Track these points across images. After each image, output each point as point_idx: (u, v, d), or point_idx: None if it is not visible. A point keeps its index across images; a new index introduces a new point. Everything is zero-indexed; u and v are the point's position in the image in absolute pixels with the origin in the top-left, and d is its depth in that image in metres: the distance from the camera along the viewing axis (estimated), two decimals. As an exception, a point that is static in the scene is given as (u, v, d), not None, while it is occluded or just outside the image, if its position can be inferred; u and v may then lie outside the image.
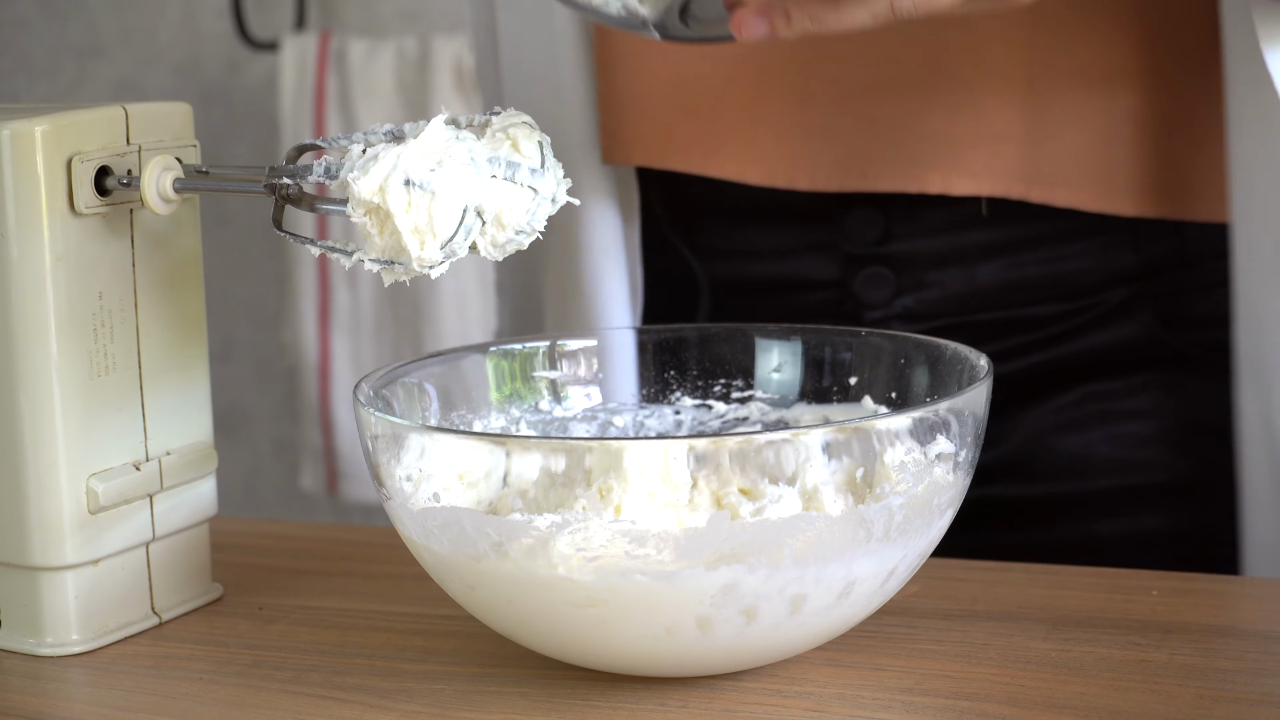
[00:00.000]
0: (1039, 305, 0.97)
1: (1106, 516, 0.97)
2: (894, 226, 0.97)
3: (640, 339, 0.87)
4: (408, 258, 0.71)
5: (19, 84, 2.54)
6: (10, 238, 0.76)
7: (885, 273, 0.97)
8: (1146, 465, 0.97)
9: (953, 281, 0.97)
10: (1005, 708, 0.69)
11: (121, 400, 0.80)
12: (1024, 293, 0.97)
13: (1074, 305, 0.97)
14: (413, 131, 0.72)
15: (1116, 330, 0.97)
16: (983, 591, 0.82)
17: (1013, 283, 0.97)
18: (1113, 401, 0.97)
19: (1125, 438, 0.97)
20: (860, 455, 0.70)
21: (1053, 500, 0.98)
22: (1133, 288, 0.97)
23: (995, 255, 0.97)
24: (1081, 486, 0.98)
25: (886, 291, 0.97)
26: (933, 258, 0.97)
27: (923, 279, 0.97)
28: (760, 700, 0.71)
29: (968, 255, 0.97)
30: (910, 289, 0.97)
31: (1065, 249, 0.96)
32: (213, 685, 0.75)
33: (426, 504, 0.72)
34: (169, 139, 0.80)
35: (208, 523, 0.85)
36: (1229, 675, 0.72)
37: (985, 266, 0.97)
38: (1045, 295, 0.97)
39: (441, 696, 0.73)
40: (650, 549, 0.67)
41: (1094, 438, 0.97)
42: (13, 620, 0.80)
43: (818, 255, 0.98)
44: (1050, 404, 0.98)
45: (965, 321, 0.97)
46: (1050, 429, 0.97)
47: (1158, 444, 0.97)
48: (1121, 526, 0.97)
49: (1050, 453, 0.97)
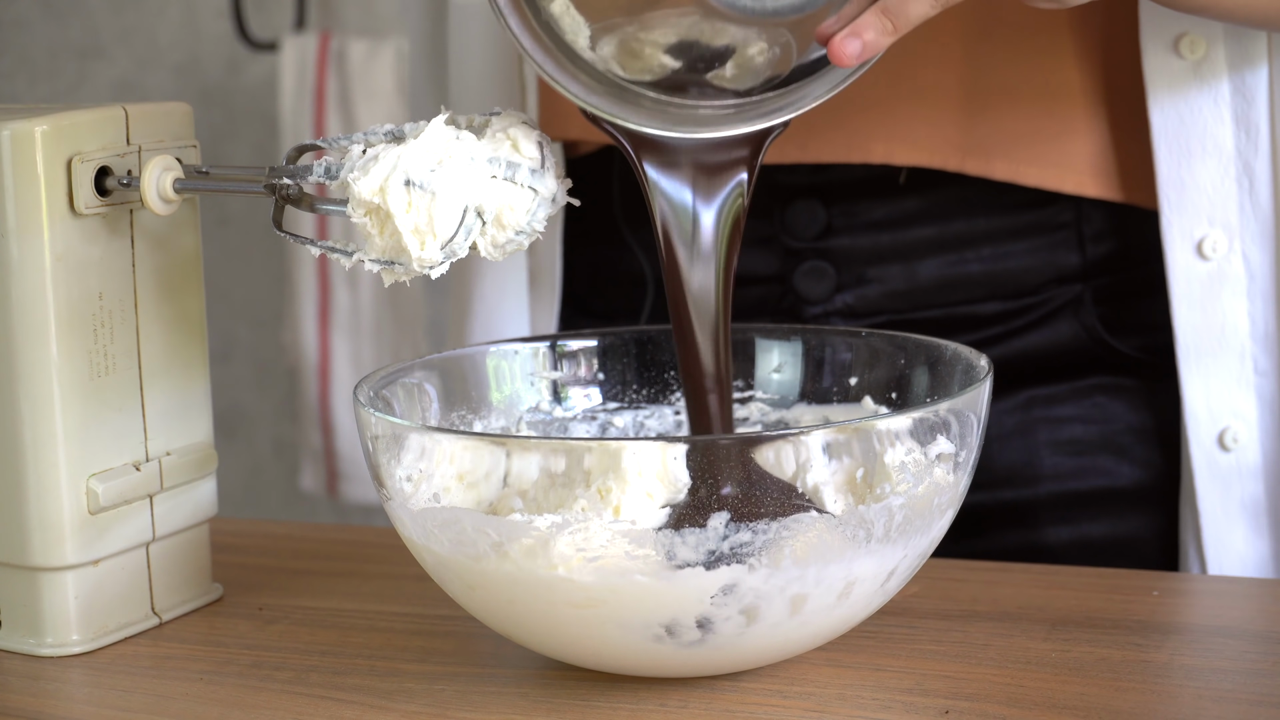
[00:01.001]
0: (980, 304, 0.97)
1: (1052, 524, 0.96)
2: (834, 221, 0.96)
3: (641, 339, 0.87)
4: (408, 258, 0.71)
5: (19, 84, 2.54)
6: (10, 238, 0.76)
7: (825, 267, 0.97)
8: (1092, 472, 0.96)
9: (893, 278, 0.97)
10: (1005, 708, 0.69)
11: (122, 401, 0.80)
12: (965, 290, 0.97)
13: (1016, 304, 0.97)
14: (413, 132, 0.72)
15: (1060, 331, 0.97)
16: (983, 592, 0.82)
17: (954, 280, 0.96)
18: (1057, 406, 0.97)
19: (1070, 443, 0.96)
20: (860, 456, 0.70)
21: (997, 507, 0.97)
22: (1076, 288, 0.96)
23: (936, 252, 0.96)
24: (1026, 493, 0.97)
25: (826, 287, 0.97)
26: (873, 253, 0.96)
27: (863, 274, 0.97)
28: (760, 701, 0.71)
29: (909, 252, 0.96)
30: (850, 285, 0.97)
31: (1007, 247, 0.96)
32: (213, 685, 0.75)
33: (426, 504, 0.72)
34: (169, 139, 0.80)
35: (208, 523, 0.85)
36: (1229, 675, 0.72)
37: (926, 263, 0.96)
38: (987, 294, 0.97)
39: (441, 697, 0.73)
40: (650, 549, 0.67)
41: (1038, 443, 0.97)
42: (13, 620, 0.80)
43: (758, 249, 0.98)
44: (994, 408, 0.96)
45: (906, 319, 0.96)
46: (993, 435, 0.96)
47: (1103, 450, 0.96)
48: (1068, 534, 0.96)
49: (994, 460, 0.96)
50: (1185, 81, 0.90)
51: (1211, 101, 0.90)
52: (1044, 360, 0.97)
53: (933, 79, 0.93)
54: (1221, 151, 0.91)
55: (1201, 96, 0.90)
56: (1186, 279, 0.92)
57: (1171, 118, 0.91)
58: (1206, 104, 0.90)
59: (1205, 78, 0.90)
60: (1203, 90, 0.90)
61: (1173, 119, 0.91)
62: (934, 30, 0.91)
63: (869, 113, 0.93)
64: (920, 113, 0.93)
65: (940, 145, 0.93)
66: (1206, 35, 0.90)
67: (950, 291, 0.97)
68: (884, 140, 0.93)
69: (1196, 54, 0.90)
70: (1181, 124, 0.91)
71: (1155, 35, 0.90)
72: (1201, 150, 0.91)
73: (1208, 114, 0.90)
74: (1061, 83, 0.93)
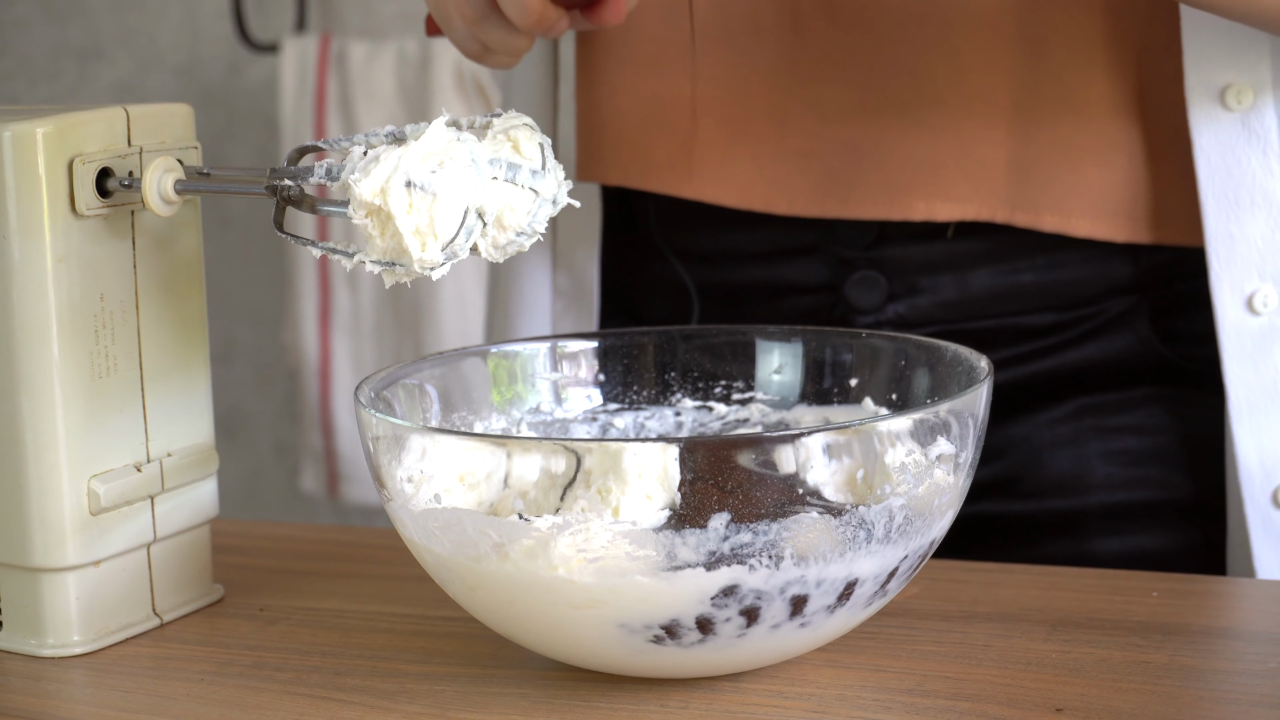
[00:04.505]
0: (1033, 314, 0.96)
1: (1102, 535, 0.95)
2: (886, 230, 0.96)
3: (641, 340, 0.87)
4: (409, 259, 0.71)
5: (19, 86, 2.54)
6: (12, 239, 0.76)
7: (876, 277, 0.96)
8: (1144, 482, 0.95)
9: (945, 287, 0.96)
10: (1006, 709, 0.69)
11: (123, 402, 0.80)
12: (1018, 301, 0.96)
13: (1070, 315, 0.96)
14: (414, 133, 0.72)
15: (1113, 342, 0.96)
16: (983, 593, 0.82)
17: (1006, 290, 0.96)
18: (1109, 416, 0.96)
19: (1122, 454, 0.96)
20: (861, 456, 0.70)
21: (1046, 517, 0.96)
22: (1130, 299, 0.96)
23: (989, 262, 0.96)
24: (1076, 503, 0.96)
25: (877, 296, 0.97)
26: (925, 263, 0.96)
27: (915, 284, 0.96)
28: (761, 701, 0.71)
29: (961, 262, 0.96)
30: (902, 294, 0.97)
31: (1061, 257, 0.95)
32: (214, 686, 0.75)
33: (427, 505, 0.72)
34: (170, 141, 0.80)
35: (209, 524, 0.85)
36: (1229, 676, 0.72)
37: (979, 273, 0.96)
38: (1040, 304, 0.96)
39: (442, 698, 0.73)
40: (650, 550, 0.67)
41: (1090, 453, 0.96)
42: (14, 621, 0.80)
43: (809, 258, 0.98)
44: (1044, 417, 0.96)
45: (958, 329, 0.96)
46: (1045, 444, 0.96)
47: (1156, 461, 0.95)
48: (1118, 545, 0.95)
49: (1044, 469, 0.96)
50: (1233, 133, 0.89)
51: (1260, 153, 0.89)
52: (1096, 370, 0.96)
53: (979, 134, 0.92)
54: (1271, 204, 0.89)
55: (1250, 148, 0.89)
56: (1237, 334, 0.90)
57: (1219, 169, 0.89)
58: (1255, 155, 0.89)
59: (1253, 129, 0.89)
60: (1251, 142, 0.89)
61: (1220, 171, 0.89)
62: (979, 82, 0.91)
63: (910, 168, 0.93)
64: (965, 168, 0.92)
65: (986, 199, 0.93)
66: (1254, 85, 0.88)
67: (1003, 302, 0.96)
68: (925, 197, 0.93)
69: (1244, 104, 0.88)
70: (1229, 176, 0.89)
71: (1201, 86, 0.89)
72: (1250, 203, 0.89)
73: (1256, 165, 0.89)
74: (1109, 135, 0.92)
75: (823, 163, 0.94)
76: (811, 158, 0.94)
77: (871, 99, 0.93)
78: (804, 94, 0.94)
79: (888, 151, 0.93)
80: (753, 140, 0.95)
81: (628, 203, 1.03)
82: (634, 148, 0.98)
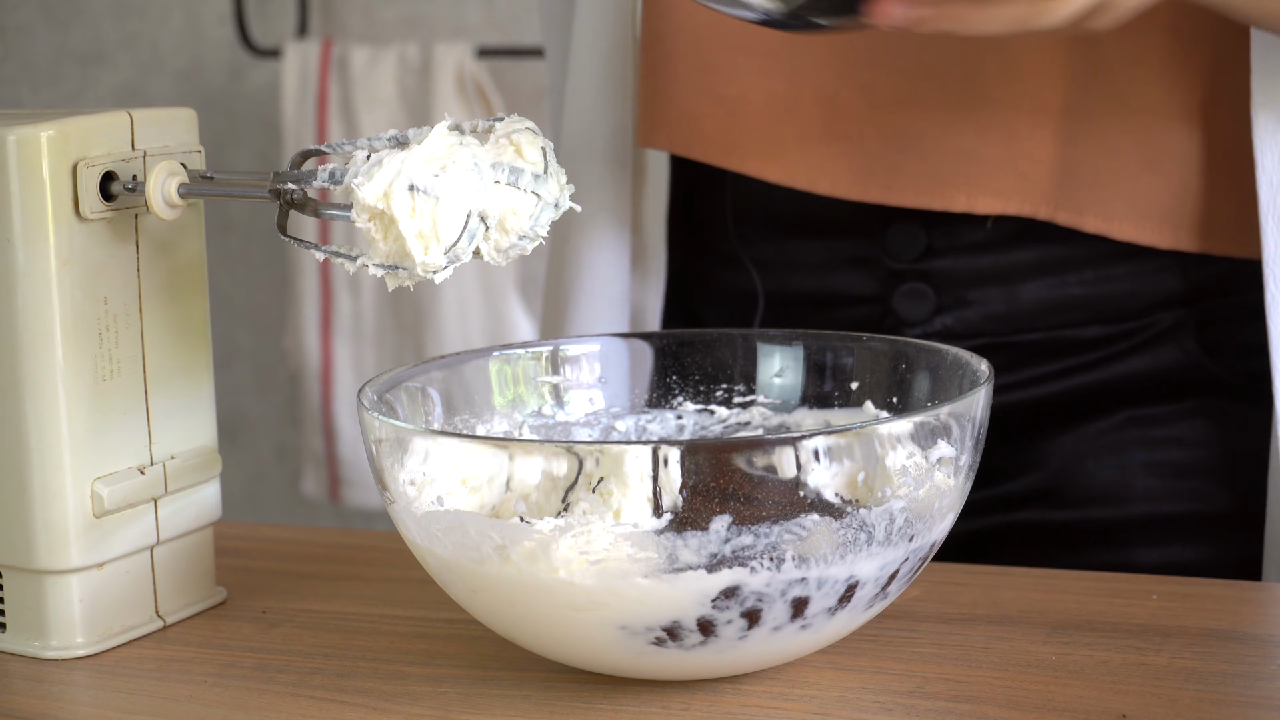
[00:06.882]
0: (1082, 328, 0.96)
1: (1142, 546, 0.95)
2: (935, 243, 0.96)
3: (642, 344, 0.87)
4: (411, 263, 0.72)
5: (22, 90, 2.54)
6: (16, 243, 0.76)
7: (925, 289, 0.96)
8: (1186, 494, 0.95)
9: (993, 300, 0.96)
10: (1006, 711, 0.70)
11: (126, 405, 0.80)
12: (1066, 314, 0.96)
13: (1118, 329, 0.96)
14: (416, 137, 0.72)
15: (1160, 355, 0.96)
16: (983, 595, 0.82)
17: (1055, 303, 0.96)
18: (1155, 427, 0.95)
19: (1166, 465, 0.95)
20: (862, 459, 0.70)
21: (1087, 527, 0.96)
22: (1178, 313, 0.95)
23: (1038, 275, 0.95)
24: (1118, 513, 0.95)
25: (926, 308, 0.97)
26: (973, 276, 0.96)
27: (963, 297, 0.96)
28: (762, 703, 0.71)
29: (1009, 274, 0.96)
30: (950, 307, 0.96)
31: (1110, 270, 0.95)
32: (217, 688, 0.75)
33: (430, 508, 0.72)
34: (174, 144, 0.81)
35: (212, 527, 0.85)
36: (1229, 678, 0.72)
37: (1027, 286, 0.96)
38: (1088, 317, 0.96)
39: (445, 699, 0.73)
40: (652, 552, 0.67)
41: (1133, 464, 0.95)
42: (18, 623, 0.80)
43: (858, 270, 0.98)
44: (1090, 428, 0.96)
45: (1006, 342, 0.96)
46: (1088, 453, 0.96)
47: (1199, 473, 0.95)
48: (1157, 556, 0.95)
49: (1087, 478, 0.95)
50: None
51: None
52: (1143, 383, 0.96)
53: (1026, 132, 0.92)
54: None
55: None
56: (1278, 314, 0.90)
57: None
58: None
59: None
60: None
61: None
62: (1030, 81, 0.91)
63: (954, 160, 0.93)
64: (1010, 165, 0.92)
65: (1029, 196, 0.93)
66: None
67: (1051, 315, 0.96)
68: (967, 190, 0.93)
69: None
70: None
71: (1268, 103, 0.88)
72: None
73: None
74: (1161, 142, 0.92)
75: (869, 148, 0.94)
76: (858, 142, 0.95)
77: (922, 89, 0.93)
78: (856, 78, 0.94)
79: (934, 142, 0.93)
80: (801, 120, 0.95)
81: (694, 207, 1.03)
82: (684, 114, 0.98)
